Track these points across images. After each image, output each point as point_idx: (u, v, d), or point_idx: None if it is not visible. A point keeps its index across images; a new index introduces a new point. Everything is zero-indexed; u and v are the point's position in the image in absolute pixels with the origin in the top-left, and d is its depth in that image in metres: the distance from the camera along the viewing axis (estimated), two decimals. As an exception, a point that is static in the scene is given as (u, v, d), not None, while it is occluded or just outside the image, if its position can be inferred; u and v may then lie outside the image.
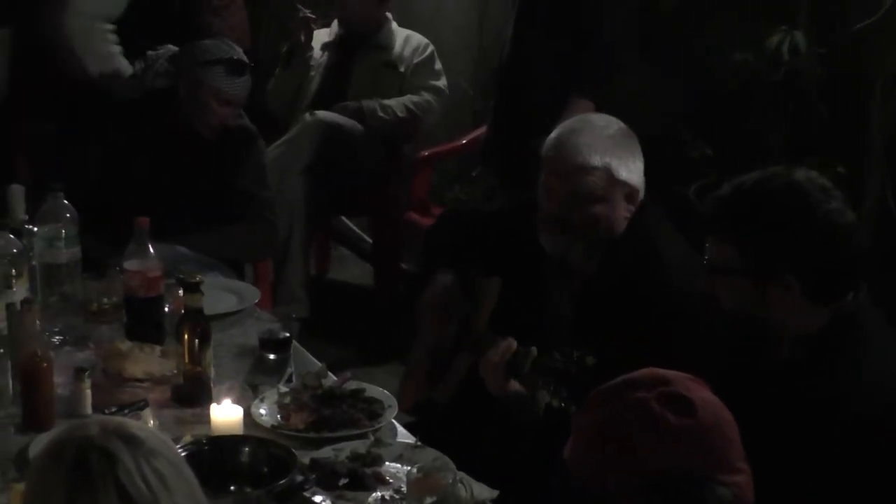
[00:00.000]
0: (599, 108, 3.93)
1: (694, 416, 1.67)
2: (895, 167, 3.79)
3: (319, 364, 2.80)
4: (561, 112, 3.91)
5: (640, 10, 4.20)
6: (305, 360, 2.85)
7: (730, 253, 2.20)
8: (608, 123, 2.69)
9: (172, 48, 4.33)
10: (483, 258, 2.93)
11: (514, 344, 2.52)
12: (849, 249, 2.18)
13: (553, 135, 2.69)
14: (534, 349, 2.50)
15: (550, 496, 2.16)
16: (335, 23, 4.97)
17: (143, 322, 2.88)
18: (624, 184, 2.62)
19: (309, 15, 4.82)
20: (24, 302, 2.61)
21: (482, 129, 5.02)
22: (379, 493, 2.28)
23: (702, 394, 1.72)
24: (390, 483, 2.31)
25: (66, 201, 3.06)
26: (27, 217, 3.10)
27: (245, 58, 3.85)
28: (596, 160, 2.60)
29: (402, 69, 4.86)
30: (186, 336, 2.62)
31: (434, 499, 2.13)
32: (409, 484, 2.19)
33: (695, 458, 1.67)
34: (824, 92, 4.00)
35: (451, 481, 2.14)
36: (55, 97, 4.37)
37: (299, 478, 2.20)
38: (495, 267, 2.91)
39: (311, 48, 4.86)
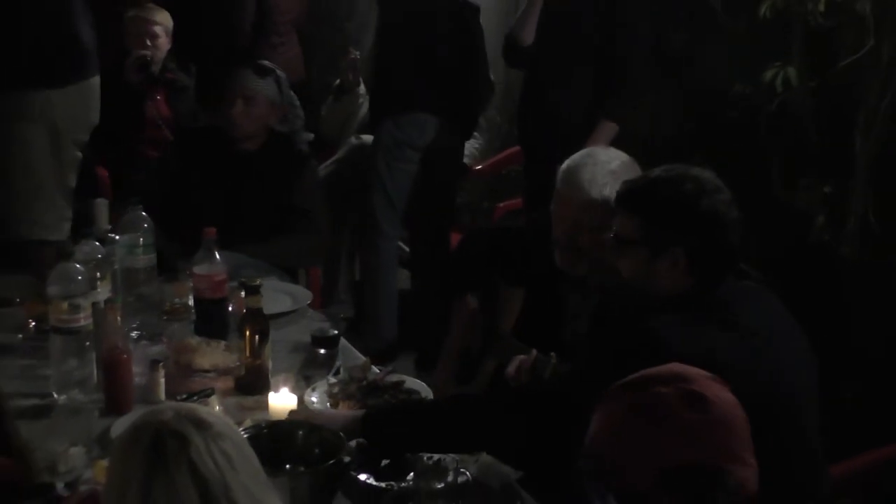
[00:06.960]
0: (623, 131, 3.91)
1: (707, 411, 1.65)
2: (877, 188, 3.76)
3: (364, 358, 2.81)
4: (588, 135, 3.88)
5: (653, 45, 4.18)
6: (352, 355, 2.86)
7: (634, 225, 2.25)
8: (611, 158, 2.63)
9: None
10: (507, 270, 2.93)
11: (535, 352, 2.55)
12: (730, 238, 2.21)
13: (562, 166, 2.66)
14: (553, 355, 2.52)
15: (572, 481, 2.16)
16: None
17: (210, 320, 2.90)
18: None
19: (357, 56, 4.75)
20: (107, 301, 2.64)
21: (501, 154, 5.04)
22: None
23: (719, 392, 1.69)
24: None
25: (143, 213, 3.08)
26: (110, 227, 3.12)
27: (270, 64, 3.88)
28: (595, 194, 2.56)
29: None
30: (247, 333, 2.65)
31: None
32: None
33: (706, 451, 1.65)
34: (814, 121, 3.98)
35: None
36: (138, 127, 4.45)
37: (347, 459, 2.21)
38: (519, 279, 2.91)
39: (360, 83, 4.82)
